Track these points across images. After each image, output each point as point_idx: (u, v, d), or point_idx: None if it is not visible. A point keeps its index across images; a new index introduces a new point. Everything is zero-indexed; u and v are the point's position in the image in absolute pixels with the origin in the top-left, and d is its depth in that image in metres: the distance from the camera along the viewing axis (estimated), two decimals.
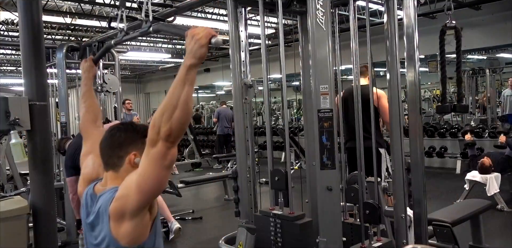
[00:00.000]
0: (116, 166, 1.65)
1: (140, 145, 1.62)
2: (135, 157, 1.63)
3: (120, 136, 1.65)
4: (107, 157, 1.67)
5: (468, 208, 4.17)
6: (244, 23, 3.34)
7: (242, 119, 3.34)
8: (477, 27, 9.43)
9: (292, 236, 2.96)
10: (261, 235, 3.14)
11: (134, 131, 1.67)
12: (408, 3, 2.77)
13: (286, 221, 2.98)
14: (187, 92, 1.47)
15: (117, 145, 1.65)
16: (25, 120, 3.38)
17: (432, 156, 9.30)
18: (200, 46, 1.47)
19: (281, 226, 3.00)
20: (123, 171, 1.63)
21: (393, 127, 2.99)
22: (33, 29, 3.46)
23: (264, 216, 3.15)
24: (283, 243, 2.99)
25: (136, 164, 1.61)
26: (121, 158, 1.64)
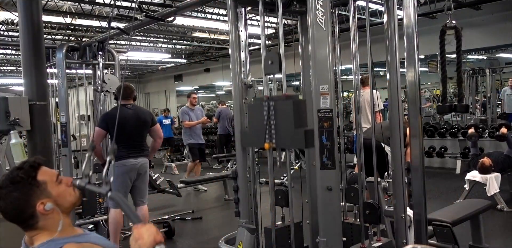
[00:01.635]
0: (32, 224, 1.53)
1: (37, 189, 1.52)
2: (43, 205, 1.51)
3: (12, 200, 1.50)
4: (20, 224, 1.54)
5: (468, 208, 4.17)
6: (244, 23, 3.33)
7: (242, 120, 3.34)
8: (477, 27, 9.43)
9: None
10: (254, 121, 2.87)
11: (20, 183, 1.51)
12: (408, 3, 2.77)
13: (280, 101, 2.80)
14: None
15: (17, 210, 1.51)
16: (25, 120, 3.38)
17: (432, 156, 9.30)
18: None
19: (275, 107, 2.79)
20: (42, 224, 1.53)
21: (393, 126, 2.99)
22: (33, 29, 3.46)
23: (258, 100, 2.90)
24: None
25: (47, 210, 1.51)
26: (31, 216, 1.51)
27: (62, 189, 1.58)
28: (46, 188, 1.54)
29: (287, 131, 2.44)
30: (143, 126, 4.62)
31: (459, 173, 8.39)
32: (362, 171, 3.22)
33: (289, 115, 2.42)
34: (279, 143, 2.51)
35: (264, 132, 2.51)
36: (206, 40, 12.97)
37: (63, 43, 6.36)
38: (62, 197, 1.56)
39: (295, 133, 2.40)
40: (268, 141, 2.50)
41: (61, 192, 1.57)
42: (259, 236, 3.35)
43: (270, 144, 2.50)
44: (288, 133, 2.45)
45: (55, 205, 1.53)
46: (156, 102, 20.97)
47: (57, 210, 1.54)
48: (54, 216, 1.54)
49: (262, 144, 2.52)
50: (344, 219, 3.20)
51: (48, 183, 1.55)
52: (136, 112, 4.61)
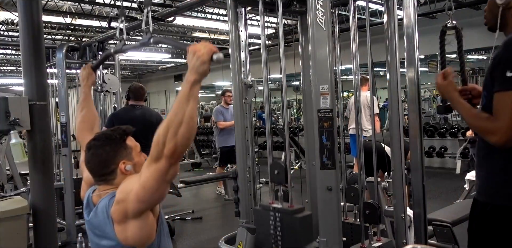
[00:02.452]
0: (109, 179, 1.67)
1: (123, 150, 1.68)
2: (125, 164, 1.66)
3: (102, 152, 1.66)
4: (98, 176, 1.69)
5: (468, 208, 4.14)
6: (244, 23, 3.33)
7: (242, 119, 3.34)
8: (477, 27, 9.41)
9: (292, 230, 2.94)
10: (260, 230, 3.13)
11: (113, 141, 1.68)
12: (408, 3, 2.77)
13: (286, 215, 2.96)
14: (191, 108, 1.48)
15: (103, 162, 1.66)
16: (25, 120, 3.38)
17: (432, 156, 9.30)
18: (202, 62, 1.48)
19: (281, 220, 2.97)
20: (117, 180, 1.66)
21: (393, 126, 2.99)
22: (33, 29, 3.46)
23: (263, 209, 3.13)
24: (283, 238, 2.98)
25: (127, 170, 1.65)
26: (112, 171, 1.66)
27: (142, 159, 1.71)
28: (131, 153, 1.70)
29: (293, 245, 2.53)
30: (149, 128, 4.62)
31: (459, 173, 8.39)
32: (362, 171, 3.22)
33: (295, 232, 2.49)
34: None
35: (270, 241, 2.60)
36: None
37: (63, 43, 6.36)
38: (139, 166, 1.68)
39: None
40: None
41: (140, 161, 1.70)
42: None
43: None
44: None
45: (133, 169, 1.67)
46: (156, 102, 20.97)
47: (133, 173, 1.67)
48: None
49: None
50: (344, 219, 3.20)
51: (133, 150, 1.71)
52: (143, 113, 4.63)
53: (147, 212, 1.58)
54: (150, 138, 5.04)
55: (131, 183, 1.56)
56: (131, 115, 4.49)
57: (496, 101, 1.66)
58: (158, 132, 1.50)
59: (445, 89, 1.96)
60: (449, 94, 1.94)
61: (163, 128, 1.48)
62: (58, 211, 4.83)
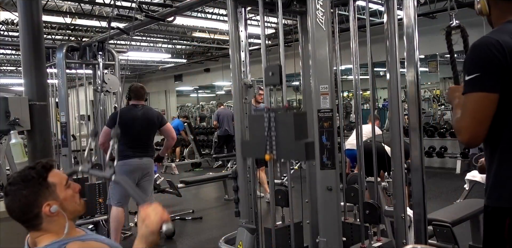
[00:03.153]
0: (36, 224, 1.54)
1: (46, 190, 1.53)
2: (49, 206, 1.52)
3: (20, 197, 1.51)
4: (23, 223, 1.55)
5: (468, 208, 4.17)
6: (244, 23, 3.33)
7: (242, 119, 3.34)
8: (477, 27, 9.39)
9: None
10: (255, 134, 2.84)
11: (31, 181, 1.53)
12: (408, 3, 2.77)
13: (281, 112, 2.82)
14: None
15: (24, 208, 1.51)
16: (25, 120, 3.38)
17: (432, 156, 9.30)
18: (151, 232, 1.41)
19: (276, 118, 2.84)
20: (45, 225, 1.54)
21: (393, 126, 2.99)
22: (33, 29, 3.46)
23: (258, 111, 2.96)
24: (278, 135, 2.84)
25: (52, 213, 1.52)
26: (36, 216, 1.52)
27: (69, 193, 1.59)
28: (54, 190, 1.55)
29: (288, 143, 2.45)
30: (150, 127, 4.65)
31: (459, 173, 8.40)
32: (362, 171, 3.22)
33: (289, 128, 2.42)
34: (280, 154, 2.51)
35: (265, 143, 2.51)
36: (206, 40, 12.97)
37: (63, 43, 6.36)
38: (68, 202, 1.57)
39: (295, 145, 2.40)
40: (268, 152, 2.51)
41: (68, 196, 1.59)
42: (259, 236, 3.35)
43: (271, 155, 2.51)
44: (288, 145, 2.45)
45: (60, 208, 1.54)
46: (156, 102, 20.97)
47: (62, 214, 1.55)
48: (59, 219, 1.55)
49: (263, 154, 2.53)
50: (344, 219, 3.20)
51: (57, 186, 1.56)
52: (145, 113, 4.64)
53: None
54: (151, 136, 5.06)
55: None
56: (133, 115, 4.50)
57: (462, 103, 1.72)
58: None
59: (450, 99, 1.97)
60: (454, 101, 1.94)
61: None
62: None
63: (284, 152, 2.49)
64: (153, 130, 4.67)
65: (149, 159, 4.61)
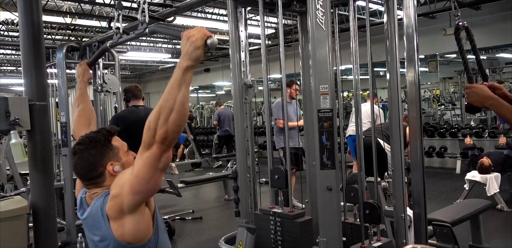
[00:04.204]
0: (98, 182, 1.65)
1: (110, 151, 1.65)
2: (113, 166, 1.64)
3: (88, 156, 1.63)
4: (87, 180, 1.66)
5: (468, 208, 4.17)
6: (244, 23, 3.33)
7: (242, 119, 3.34)
8: (477, 27, 9.42)
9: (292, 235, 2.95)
10: (260, 234, 3.13)
11: (99, 143, 1.65)
12: (408, 3, 2.77)
13: (286, 220, 2.98)
14: (183, 94, 1.46)
15: (90, 166, 1.63)
16: (25, 120, 3.38)
17: (432, 156, 9.30)
18: (196, 47, 1.46)
19: (281, 224, 2.99)
20: (107, 182, 1.63)
21: (393, 126, 2.99)
22: (33, 29, 3.46)
23: (264, 214, 3.15)
24: (283, 242, 2.98)
25: (115, 171, 1.63)
26: (100, 175, 1.64)
27: (130, 158, 1.70)
28: (117, 153, 1.67)
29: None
30: None
31: (459, 173, 8.40)
32: (362, 171, 3.22)
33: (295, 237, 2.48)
34: None
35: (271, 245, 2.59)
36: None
37: (63, 43, 6.36)
38: (128, 165, 1.66)
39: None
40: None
41: (129, 160, 1.69)
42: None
43: None
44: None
45: (122, 169, 1.64)
46: (156, 102, 20.79)
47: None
48: None
49: None
50: (344, 219, 3.20)
51: (120, 150, 1.69)
52: (147, 114, 4.63)
53: (142, 206, 1.56)
54: None
55: (125, 176, 1.55)
56: (136, 116, 4.50)
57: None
58: (149, 118, 1.48)
59: (482, 99, 1.94)
60: (489, 101, 1.92)
61: (154, 114, 1.47)
62: (58, 211, 4.83)
63: None
64: None
65: None
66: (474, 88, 1.96)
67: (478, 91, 1.93)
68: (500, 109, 1.87)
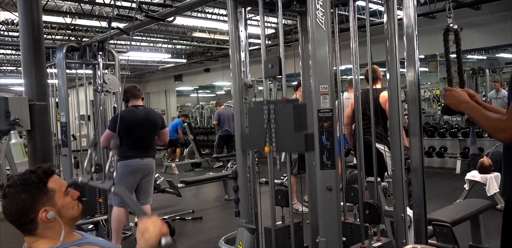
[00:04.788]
0: (31, 229, 1.53)
1: (44, 196, 1.53)
2: (46, 212, 1.52)
3: (18, 201, 1.51)
4: (18, 227, 1.55)
5: (468, 208, 4.17)
6: (244, 23, 3.33)
7: (242, 120, 3.34)
8: (477, 27, 9.42)
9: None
10: (254, 126, 2.81)
11: (31, 186, 1.53)
12: (408, 3, 2.77)
13: (280, 104, 2.80)
14: None
15: (20, 212, 1.51)
16: (25, 120, 3.39)
17: (432, 156, 9.30)
18: (150, 247, 1.42)
19: (275, 110, 2.81)
20: (40, 231, 1.54)
21: (393, 126, 2.99)
22: (33, 29, 3.46)
23: (258, 104, 2.95)
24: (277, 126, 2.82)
25: (49, 219, 1.52)
26: (32, 221, 1.52)
27: (67, 201, 1.59)
28: (53, 197, 1.55)
29: (287, 135, 2.45)
30: (153, 128, 4.67)
31: (459, 173, 8.40)
32: (362, 171, 3.22)
33: (289, 119, 2.42)
34: (279, 146, 2.51)
35: (264, 135, 2.51)
36: (206, 40, 12.97)
37: (63, 43, 6.36)
38: (66, 209, 1.57)
39: (295, 137, 2.40)
40: (268, 144, 2.51)
41: (66, 203, 1.59)
42: (259, 236, 3.35)
43: (270, 147, 2.51)
44: (288, 137, 2.45)
45: (57, 215, 1.54)
46: (156, 102, 20.96)
47: (58, 220, 1.55)
48: (55, 225, 1.55)
49: (262, 147, 2.53)
50: (344, 219, 3.20)
51: (56, 192, 1.56)
52: (147, 113, 4.66)
53: None
54: (153, 137, 5.07)
55: None
56: (136, 116, 4.51)
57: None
58: None
59: (457, 103, 2.05)
60: (463, 105, 2.03)
61: None
62: None
63: (284, 144, 2.49)
64: (155, 131, 4.68)
65: (151, 160, 4.63)
66: (453, 91, 2.08)
67: (456, 95, 2.06)
68: (471, 113, 1.99)
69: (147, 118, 4.59)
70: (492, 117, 1.89)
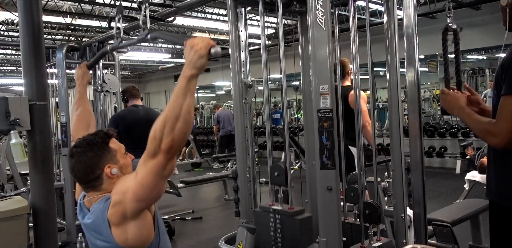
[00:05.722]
0: (96, 185, 1.65)
1: (108, 154, 1.65)
2: (110, 168, 1.64)
3: (85, 158, 1.63)
4: (84, 183, 1.67)
5: (468, 208, 4.17)
6: (244, 23, 3.33)
7: (242, 119, 3.34)
8: (477, 27, 9.43)
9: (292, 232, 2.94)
10: (260, 231, 3.11)
11: (96, 145, 1.65)
12: (408, 3, 2.77)
13: (286, 217, 2.95)
14: (188, 103, 1.47)
15: (88, 169, 1.63)
16: (25, 120, 3.38)
17: (432, 156, 9.31)
18: (200, 56, 1.47)
19: (281, 221, 2.97)
20: (105, 185, 1.64)
21: (393, 126, 2.99)
22: (33, 29, 3.46)
23: (263, 211, 3.13)
24: (283, 239, 2.97)
25: (113, 174, 1.64)
26: (98, 177, 1.64)
27: (127, 161, 1.72)
28: (115, 155, 1.67)
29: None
30: None
31: (459, 173, 8.40)
32: (362, 171, 3.22)
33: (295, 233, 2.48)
34: None
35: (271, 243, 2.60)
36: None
37: (63, 43, 6.36)
38: (126, 167, 1.69)
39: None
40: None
41: (126, 162, 1.71)
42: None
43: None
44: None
45: (119, 172, 1.65)
46: (156, 102, 20.98)
47: (121, 176, 1.66)
48: (117, 181, 1.65)
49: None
50: (344, 219, 3.20)
51: (117, 152, 1.69)
52: (147, 113, 4.67)
53: (145, 211, 1.57)
54: None
55: (127, 183, 1.55)
56: (135, 116, 4.52)
57: (501, 104, 1.72)
58: (154, 127, 1.48)
59: (451, 108, 2.09)
60: (456, 111, 2.07)
61: (159, 123, 1.47)
62: (58, 211, 4.83)
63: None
64: None
65: None
66: (448, 96, 2.12)
67: (450, 99, 2.09)
68: (465, 119, 2.03)
69: (147, 118, 4.60)
70: (482, 121, 1.88)
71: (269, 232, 2.71)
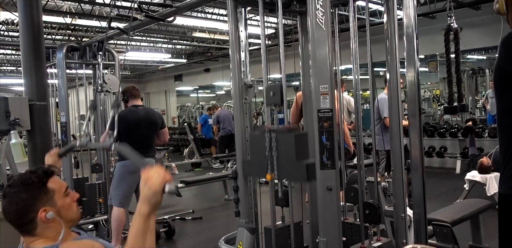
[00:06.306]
0: (30, 229, 1.53)
1: (44, 196, 1.52)
2: (45, 212, 1.51)
3: (18, 200, 1.50)
4: (17, 227, 1.55)
5: (468, 208, 4.18)
6: (244, 23, 3.33)
7: (242, 120, 3.34)
8: (477, 27, 9.42)
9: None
10: (256, 152, 2.88)
11: (31, 186, 1.52)
12: (408, 3, 2.77)
13: (282, 133, 2.86)
14: (149, 244, 1.42)
15: (20, 211, 1.51)
16: (25, 120, 3.39)
17: (432, 156, 9.30)
18: (154, 193, 1.42)
19: (277, 139, 2.85)
20: (39, 230, 1.53)
21: (393, 126, 2.99)
22: (33, 29, 3.46)
23: (260, 132, 3.01)
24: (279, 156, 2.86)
25: (48, 219, 1.51)
26: (31, 221, 1.51)
27: (67, 201, 1.59)
28: (53, 197, 1.54)
29: (289, 164, 2.46)
30: (153, 128, 4.67)
31: (459, 173, 8.40)
32: (362, 170, 3.22)
33: (290, 148, 2.43)
34: (280, 174, 2.53)
35: (266, 163, 2.53)
36: (206, 40, 12.97)
37: (63, 43, 6.36)
38: (65, 210, 1.57)
39: (296, 166, 2.41)
40: (269, 172, 2.52)
41: (66, 204, 1.58)
42: (259, 236, 3.35)
43: (272, 175, 2.53)
44: (289, 166, 2.46)
45: (57, 215, 1.54)
46: (156, 102, 20.96)
47: (58, 220, 1.55)
48: (55, 226, 1.55)
49: (264, 175, 2.55)
50: (344, 219, 3.20)
51: (56, 192, 1.56)
52: (147, 113, 4.67)
53: None
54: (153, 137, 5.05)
55: None
56: (136, 116, 4.52)
57: None
58: None
59: None
60: None
61: None
62: None
63: (285, 172, 2.50)
64: (155, 131, 4.69)
65: (151, 160, 4.62)
66: None
67: None
68: None
69: (147, 118, 4.60)
70: None
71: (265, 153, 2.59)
